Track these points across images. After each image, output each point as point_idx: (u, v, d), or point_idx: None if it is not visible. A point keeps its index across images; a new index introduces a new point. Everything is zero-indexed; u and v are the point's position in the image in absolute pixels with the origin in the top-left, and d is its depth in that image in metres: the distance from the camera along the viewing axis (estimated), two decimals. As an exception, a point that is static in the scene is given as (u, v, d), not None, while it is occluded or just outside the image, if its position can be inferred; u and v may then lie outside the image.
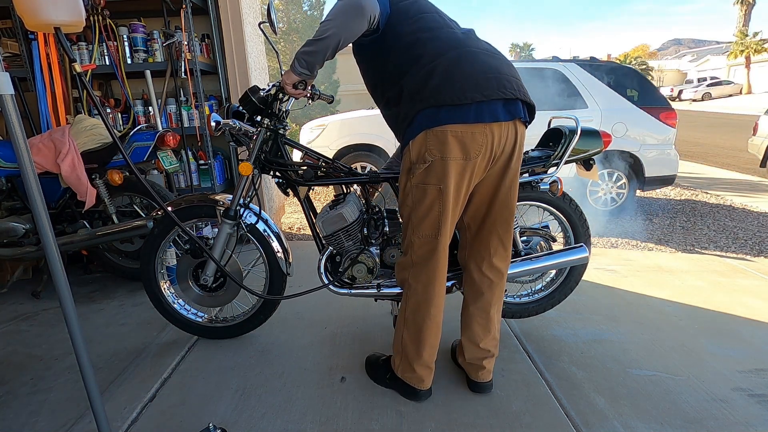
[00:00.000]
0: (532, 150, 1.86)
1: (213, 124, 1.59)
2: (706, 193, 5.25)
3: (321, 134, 4.54)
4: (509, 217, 1.47)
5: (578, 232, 1.92)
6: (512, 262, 1.82)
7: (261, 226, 1.83)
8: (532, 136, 1.84)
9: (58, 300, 1.14)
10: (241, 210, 1.78)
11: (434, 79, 1.29)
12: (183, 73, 2.83)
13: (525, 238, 1.92)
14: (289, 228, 4.00)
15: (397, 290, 1.71)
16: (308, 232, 3.80)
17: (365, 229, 1.72)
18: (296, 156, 3.92)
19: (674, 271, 2.80)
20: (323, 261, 1.77)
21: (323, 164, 1.75)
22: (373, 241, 1.74)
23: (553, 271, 2.03)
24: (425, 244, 1.42)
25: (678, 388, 1.64)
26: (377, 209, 1.76)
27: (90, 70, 2.79)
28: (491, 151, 1.33)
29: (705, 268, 2.87)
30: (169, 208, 1.81)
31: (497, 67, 1.34)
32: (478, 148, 1.30)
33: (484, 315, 1.55)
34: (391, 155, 1.97)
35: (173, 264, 2.03)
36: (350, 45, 1.43)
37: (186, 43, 2.79)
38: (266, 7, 1.60)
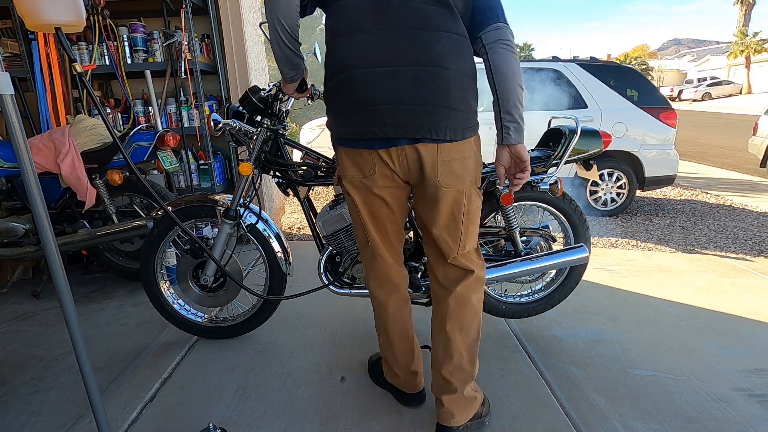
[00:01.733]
0: (532, 150, 1.87)
1: (213, 124, 1.59)
2: (706, 193, 5.25)
3: (321, 134, 4.54)
4: (451, 234, 1.30)
5: (578, 232, 1.92)
6: (512, 262, 1.82)
7: (261, 226, 1.83)
8: (532, 136, 1.84)
9: (58, 300, 1.14)
10: (242, 210, 1.78)
11: (327, 99, 1.25)
12: (183, 73, 2.83)
13: (525, 238, 1.92)
14: (289, 228, 4.00)
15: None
16: (308, 232, 3.80)
17: (365, 229, 1.72)
18: (296, 156, 3.92)
19: (674, 271, 2.80)
20: (323, 261, 1.77)
21: (323, 164, 1.75)
22: (373, 241, 1.74)
23: (553, 271, 2.03)
24: (364, 249, 1.42)
25: (678, 388, 1.64)
26: (377, 209, 1.76)
27: (90, 70, 2.79)
28: (390, 170, 1.23)
29: (705, 268, 2.87)
30: (169, 208, 1.81)
31: (386, 94, 1.14)
32: (370, 168, 1.23)
33: (441, 331, 1.36)
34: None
35: (173, 264, 2.04)
36: None
37: (186, 43, 2.79)
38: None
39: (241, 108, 1.69)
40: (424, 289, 1.74)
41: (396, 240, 1.41)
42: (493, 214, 1.86)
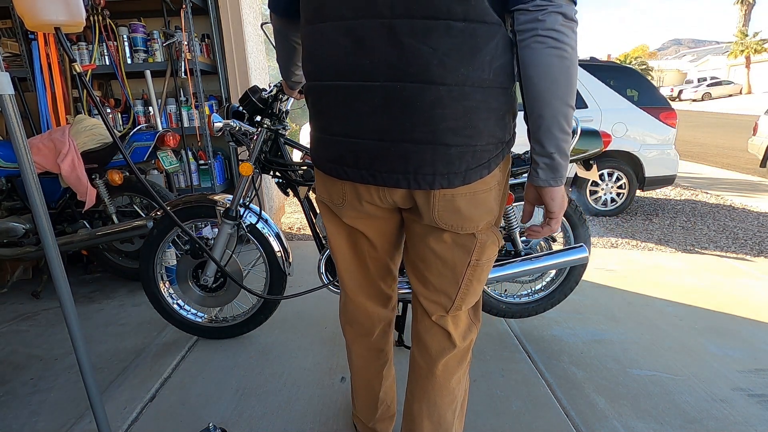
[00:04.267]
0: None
1: (214, 124, 1.59)
2: (706, 193, 5.24)
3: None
4: (444, 288, 0.97)
5: (578, 232, 1.92)
6: (512, 262, 1.82)
7: (261, 225, 1.83)
8: (532, 136, 1.85)
9: (58, 300, 1.14)
10: (242, 210, 1.78)
11: (308, 107, 0.95)
12: (183, 73, 2.83)
13: (525, 238, 1.92)
14: (289, 228, 4.00)
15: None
16: (308, 232, 3.80)
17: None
18: (296, 156, 3.92)
19: (674, 271, 2.80)
20: (323, 261, 1.77)
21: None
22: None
23: (553, 271, 2.03)
24: (340, 283, 1.15)
25: (678, 388, 1.64)
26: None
27: (90, 70, 2.79)
28: (366, 202, 0.92)
29: (705, 268, 2.87)
30: (169, 209, 1.81)
31: (344, 123, 0.84)
32: (339, 196, 0.95)
33: (409, 407, 1.12)
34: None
35: (173, 264, 2.04)
36: None
37: (186, 43, 2.79)
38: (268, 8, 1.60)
39: (241, 108, 1.69)
40: None
41: (381, 279, 1.11)
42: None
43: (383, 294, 1.14)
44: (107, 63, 2.86)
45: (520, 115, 0.82)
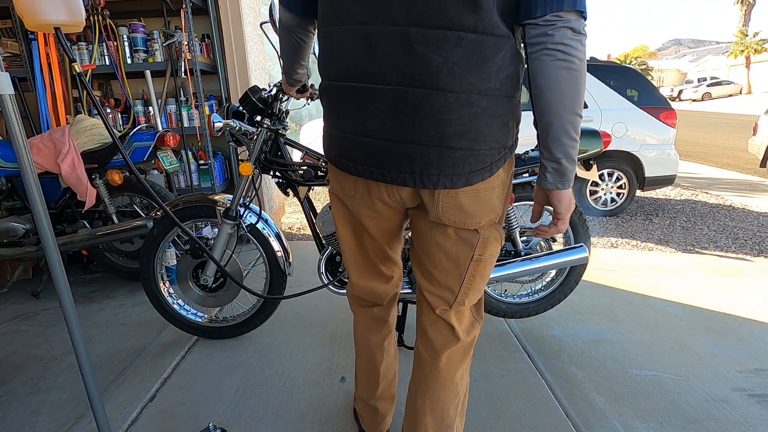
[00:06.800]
0: (532, 150, 1.86)
1: (214, 124, 1.59)
2: (706, 193, 5.24)
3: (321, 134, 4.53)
4: (447, 282, 1.00)
5: (578, 232, 1.92)
6: (512, 262, 1.82)
7: (261, 225, 1.83)
8: (531, 135, 1.84)
9: (58, 300, 1.14)
10: (242, 210, 1.78)
11: (322, 105, 1.01)
12: (183, 73, 2.83)
13: (525, 238, 1.92)
14: (289, 228, 4.00)
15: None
16: (308, 232, 3.80)
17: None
18: (296, 156, 3.92)
19: (674, 271, 2.80)
20: (323, 261, 1.77)
21: (323, 164, 1.75)
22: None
23: (553, 271, 2.04)
24: (346, 267, 1.20)
25: (678, 388, 1.64)
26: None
27: (90, 70, 2.79)
28: (369, 197, 0.97)
29: (705, 268, 2.87)
30: (169, 209, 1.81)
31: (356, 122, 0.88)
32: (351, 188, 0.99)
33: (412, 402, 1.13)
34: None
35: (173, 264, 2.03)
36: None
37: (186, 43, 2.79)
38: (267, 8, 1.60)
39: (241, 108, 1.69)
40: None
41: (381, 263, 1.16)
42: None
43: (384, 275, 1.18)
44: (107, 63, 2.86)
45: (524, 118, 0.85)
